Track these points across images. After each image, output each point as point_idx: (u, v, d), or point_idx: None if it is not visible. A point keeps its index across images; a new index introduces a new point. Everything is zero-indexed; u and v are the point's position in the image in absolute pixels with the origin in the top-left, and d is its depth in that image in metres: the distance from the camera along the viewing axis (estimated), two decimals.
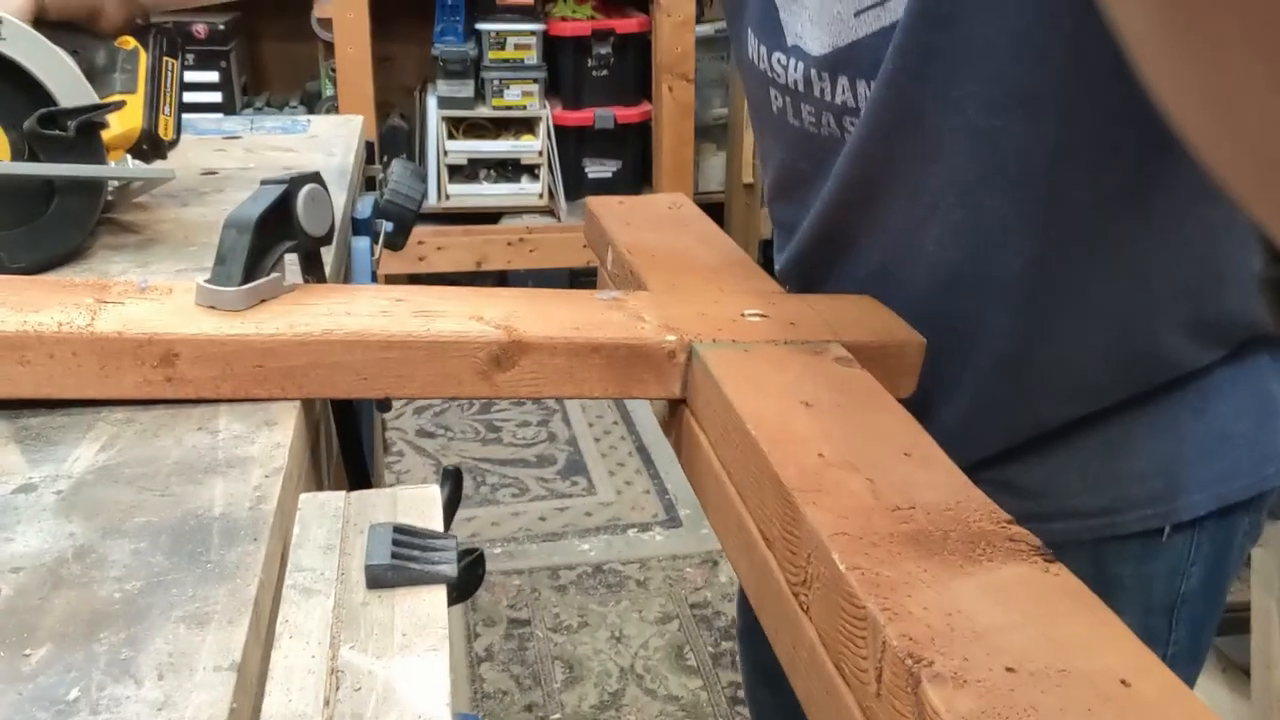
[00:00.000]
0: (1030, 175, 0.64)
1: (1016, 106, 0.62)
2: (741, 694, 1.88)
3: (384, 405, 0.93)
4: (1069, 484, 0.71)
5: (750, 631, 1.18)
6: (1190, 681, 0.77)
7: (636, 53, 2.98)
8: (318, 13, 2.88)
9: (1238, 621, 1.64)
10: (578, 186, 3.05)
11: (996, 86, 0.62)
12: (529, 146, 3.01)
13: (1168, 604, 0.73)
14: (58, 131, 0.69)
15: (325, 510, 0.48)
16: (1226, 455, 0.71)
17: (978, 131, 0.64)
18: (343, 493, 0.50)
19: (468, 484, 2.44)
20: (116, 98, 0.76)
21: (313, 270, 0.66)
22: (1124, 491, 0.71)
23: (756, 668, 1.19)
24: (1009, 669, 0.35)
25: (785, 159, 0.77)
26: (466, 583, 0.53)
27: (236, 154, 1.06)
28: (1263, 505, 0.74)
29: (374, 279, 0.89)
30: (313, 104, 3.03)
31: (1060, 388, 0.71)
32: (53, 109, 0.69)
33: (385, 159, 1.06)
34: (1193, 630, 0.74)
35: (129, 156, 0.79)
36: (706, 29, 3.00)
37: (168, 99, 0.79)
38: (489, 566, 2.05)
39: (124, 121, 0.77)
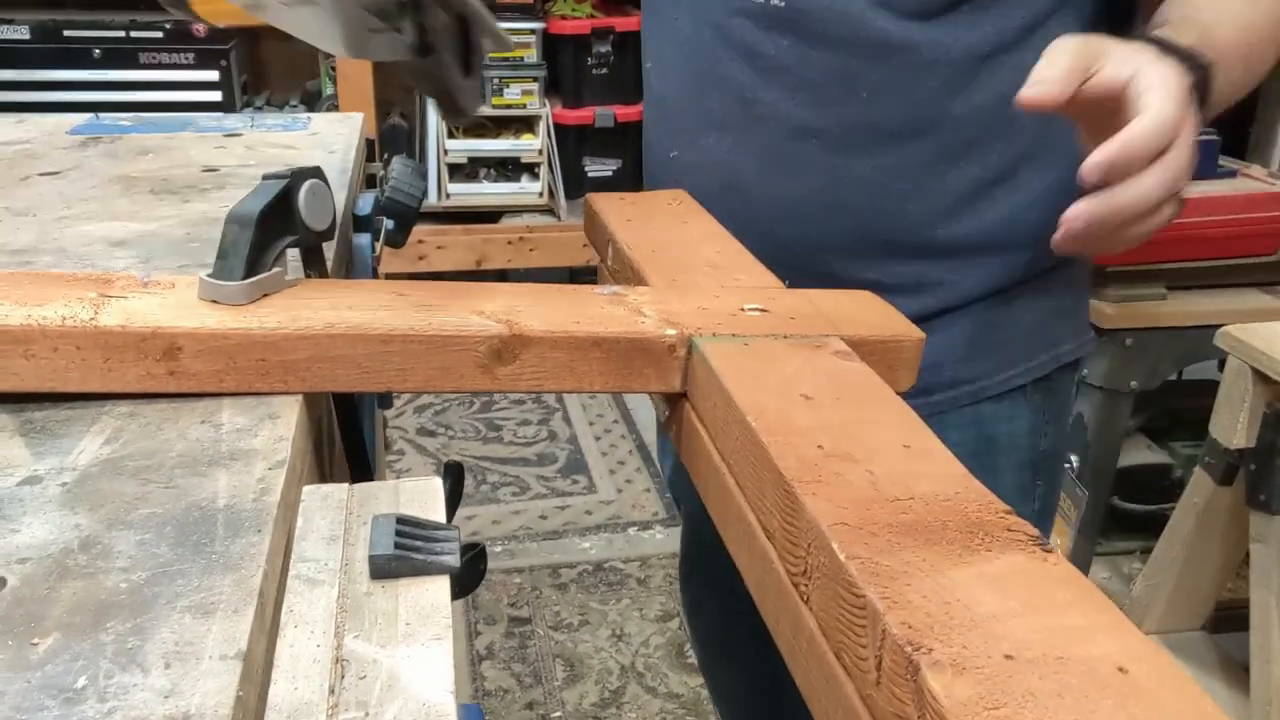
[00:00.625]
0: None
1: None
2: None
3: (385, 402, 0.93)
4: (953, 356, 0.86)
5: (697, 606, 1.19)
6: (1046, 535, 0.93)
7: (637, 51, 2.98)
8: None
9: (1237, 618, 1.65)
10: (578, 185, 3.05)
11: None
12: (529, 145, 3.01)
13: (1033, 460, 0.91)
14: None
15: (328, 502, 0.49)
16: (1059, 327, 0.90)
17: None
18: (345, 485, 0.50)
19: (468, 482, 2.44)
20: None
21: (314, 265, 0.67)
22: (994, 358, 0.87)
23: (708, 643, 1.20)
24: (1007, 656, 0.36)
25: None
26: (468, 577, 0.53)
27: (237, 151, 1.06)
28: (1079, 369, 0.95)
29: (375, 276, 0.90)
30: (313, 103, 3.03)
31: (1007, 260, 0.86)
32: None
33: (386, 157, 1.06)
34: (1049, 486, 0.93)
35: None
36: None
37: None
38: (490, 565, 2.06)
39: None
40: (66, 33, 2.79)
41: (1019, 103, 0.57)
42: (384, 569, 0.44)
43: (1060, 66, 0.57)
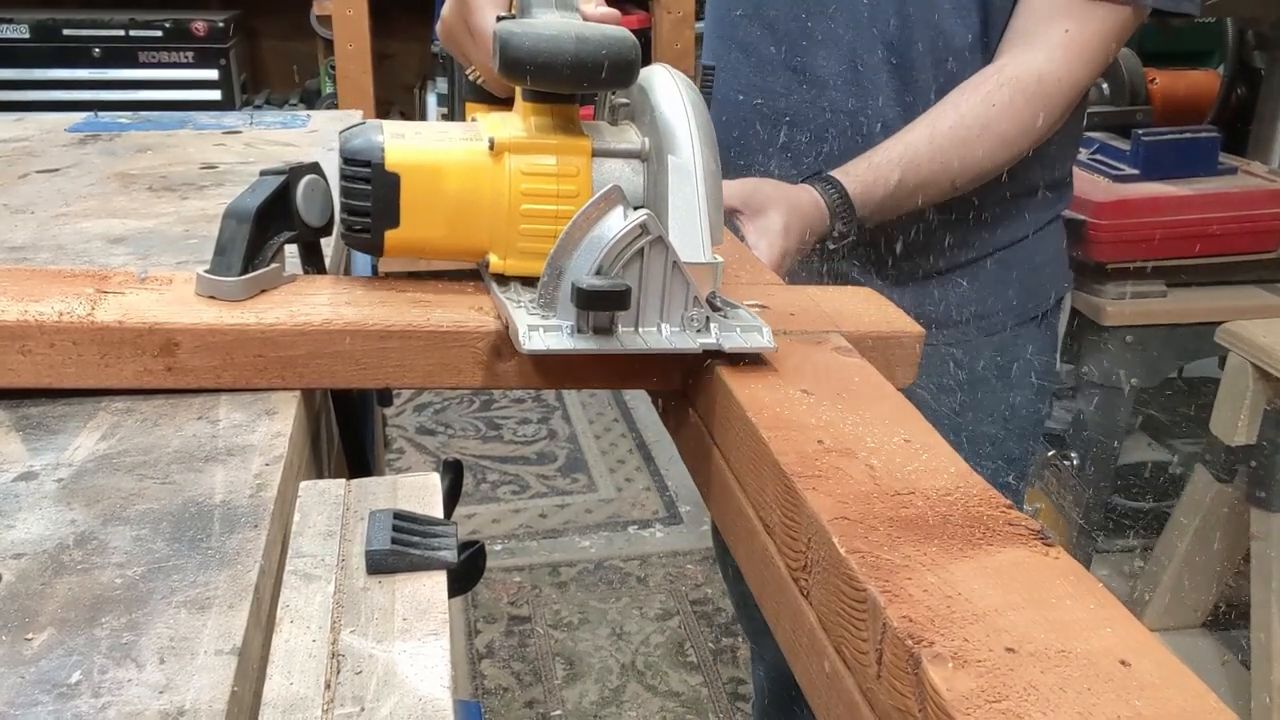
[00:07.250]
0: None
1: None
2: (743, 689, 1.88)
3: (385, 399, 0.93)
4: (985, 293, 1.08)
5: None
6: (1040, 436, 1.20)
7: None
8: (317, 10, 2.88)
9: (1237, 616, 1.64)
10: None
11: None
12: None
13: (1038, 377, 1.13)
14: None
15: (326, 497, 0.49)
16: (1055, 268, 1.13)
17: None
18: (343, 480, 0.50)
19: (468, 481, 2.44)
20: None
21: (312, 261, 0.67)
22: (1015, 294, 1.08)
23: (746, 594, 1.24)
24: (1009, 649, 0.35)
25: None
26: (467, 575, 0.53)
27: (236, 148, 1.06)
28: (1061, 308, 1.17)
29: (374, 274, 0.89)
30: (312, 101, 3.03)
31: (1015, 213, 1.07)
32: None
33: None
34: (1045, 399, 1.17)
35: None
36: None
37: None
38: (489, 563, 2.06)
39: None
40: (66, 31, 2.79)
41: None
42: (381, 564, 0.44)
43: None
